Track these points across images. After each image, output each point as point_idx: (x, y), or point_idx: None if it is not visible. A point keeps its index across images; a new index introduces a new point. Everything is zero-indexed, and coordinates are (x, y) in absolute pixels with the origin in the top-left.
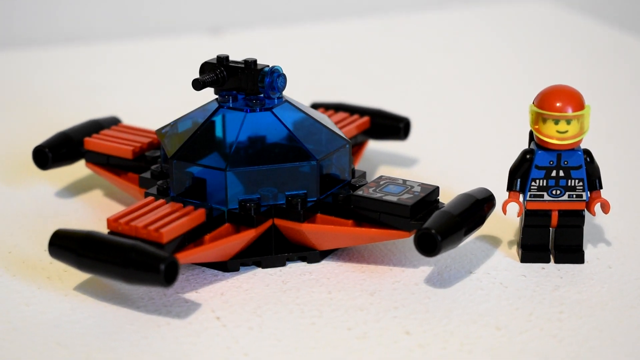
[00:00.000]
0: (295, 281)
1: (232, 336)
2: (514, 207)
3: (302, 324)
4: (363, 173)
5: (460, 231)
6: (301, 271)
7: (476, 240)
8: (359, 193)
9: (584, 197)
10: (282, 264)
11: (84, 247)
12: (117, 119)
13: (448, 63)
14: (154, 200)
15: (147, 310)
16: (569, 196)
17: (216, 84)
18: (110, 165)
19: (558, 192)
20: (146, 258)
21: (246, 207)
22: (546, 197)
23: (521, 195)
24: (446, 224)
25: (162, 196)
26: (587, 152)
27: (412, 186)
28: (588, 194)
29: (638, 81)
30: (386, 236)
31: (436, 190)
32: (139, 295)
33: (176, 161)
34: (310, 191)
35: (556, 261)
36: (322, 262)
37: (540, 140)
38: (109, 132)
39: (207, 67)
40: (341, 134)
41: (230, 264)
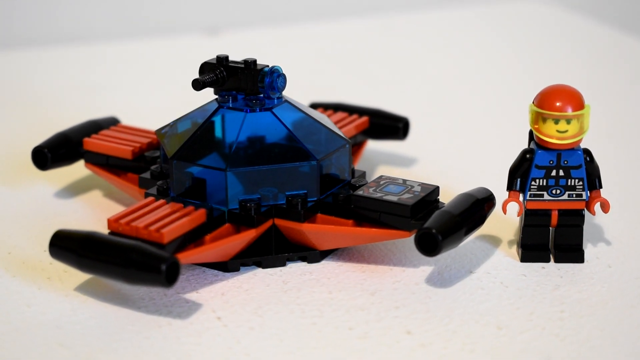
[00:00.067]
0: (295, 281)
1: (234, 336)
2: (514, 207)
3: (303, 324)
4: (363, 173)
5: (460, 231)
6: (301, 271)
7: (476, 240)
8: (359, 193)
9: (584, 197)
10: (283, 264)
11: (85, 248)
12: (116, 119)
13: (447, 63)
14: (155, 200)
15: (148, 310)
16: (569, 196)
17: (216, 84)
18: (109, 165)
19: (558, 192)
20: (147, 258)
21: (246, 207)
22: (546, 197)
23: (521, 194)
24: (447, 224)
25: (162, 196)
26: (587, 152)
27: (412, 186)
28: (588, 194)
29: (638, 81)
30: (386, 236)
31: (436, 190)
32: (140, 295)
33: (176, 161)
34: (310, 191)
35: (556, 260)
36: (323, 262)
37: (540, 139)
38: (108, 133)
39: (207, 67)
40: (341, 134)
41: (230, 264)
